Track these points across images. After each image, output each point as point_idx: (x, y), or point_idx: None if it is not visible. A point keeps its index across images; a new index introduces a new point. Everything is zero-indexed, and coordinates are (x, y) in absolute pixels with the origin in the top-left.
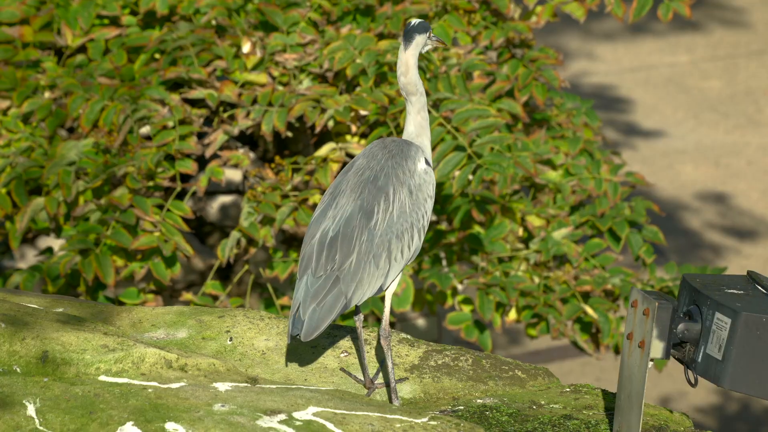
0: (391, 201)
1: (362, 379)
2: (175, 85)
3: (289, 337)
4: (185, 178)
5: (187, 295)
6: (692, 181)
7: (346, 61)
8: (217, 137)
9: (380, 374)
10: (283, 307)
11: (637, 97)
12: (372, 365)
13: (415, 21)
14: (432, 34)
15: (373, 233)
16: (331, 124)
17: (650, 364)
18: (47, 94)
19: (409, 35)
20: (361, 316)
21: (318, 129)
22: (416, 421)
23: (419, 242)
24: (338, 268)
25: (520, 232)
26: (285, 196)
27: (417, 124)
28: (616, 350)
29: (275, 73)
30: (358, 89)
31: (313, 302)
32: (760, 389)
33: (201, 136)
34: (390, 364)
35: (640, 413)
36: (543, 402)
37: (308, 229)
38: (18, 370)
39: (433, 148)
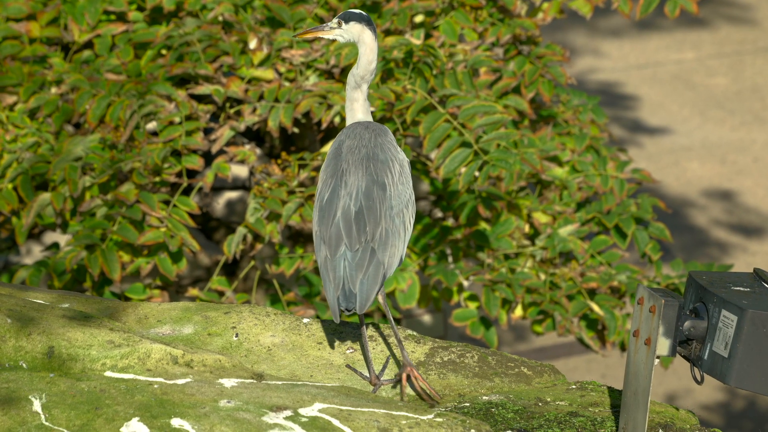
0: (394, 173)
1: (368, 375)
2: (181, 81)
3: (338, 315)
4: (192, 173)
5: (193, 291)
6: (698, 178)
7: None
8: (224, 133)
9: (386, 370)
10: (290, 303)
11: (643, 93)
12: (378, 362)
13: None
14: None
15: (391, 203)
16: (337, 120)
17: (656, 361)
18: (54, 90)
19: (373, 23)
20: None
21: (324, 125)
22: (422, 417)
23: (414, 213)
24: (371, 239)
25: (527, 228)
26: (291, 192)
27: (365, 111)
28: (622, 347)
29: (282, 69)
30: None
31: (359, 274)
32: (766, 387)
33: (207, 131)
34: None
35: (646, 410)
36: (549, 399)
37: (320, 212)
38: (24, 365)
39: (439, 145)
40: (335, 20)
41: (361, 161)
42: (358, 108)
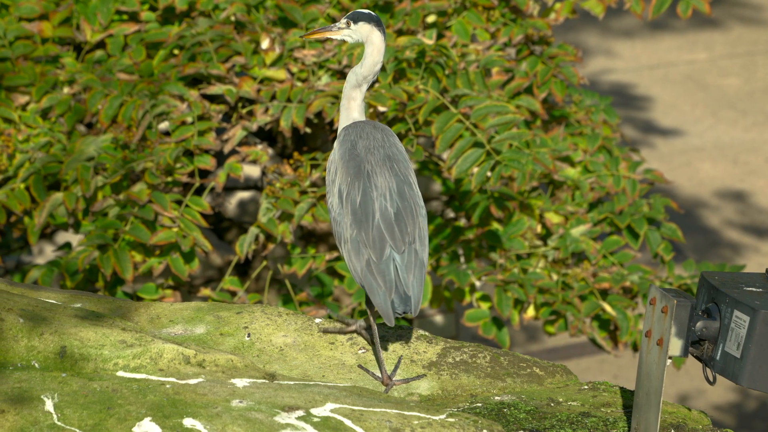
0: (413, 173)
1: (380, 375)
2: (193, 81)
3: (393, 319)
4: (204, 173)
5: (206, 291)
6: (710, 179)
7: None
8: (236, 133)
9: (398, 371)
10: (302, 303)
11: (655, 94)
12: (390, 363)
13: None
14: None
15: (418, 202)
16: None
17: (668, 361)
18: (66, 90)
19: (383, 24)
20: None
21: (336, 125)
22: (434, 418)
23: None
24: (412, 240)
25: (539, 228)
26: (303, 192)
27: (360, 111)
28: (635, 348)
29: (294, 69)
30: (376, 85)
31: (410, 276)
32: None
33: (220, 131)
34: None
35: (658, 411)
36: (561, 399)
37: (355, 215)
38: (36, 365)
39: (452, 145)
40: (344, 20)
41: (384, 161)
42: (355, 107)
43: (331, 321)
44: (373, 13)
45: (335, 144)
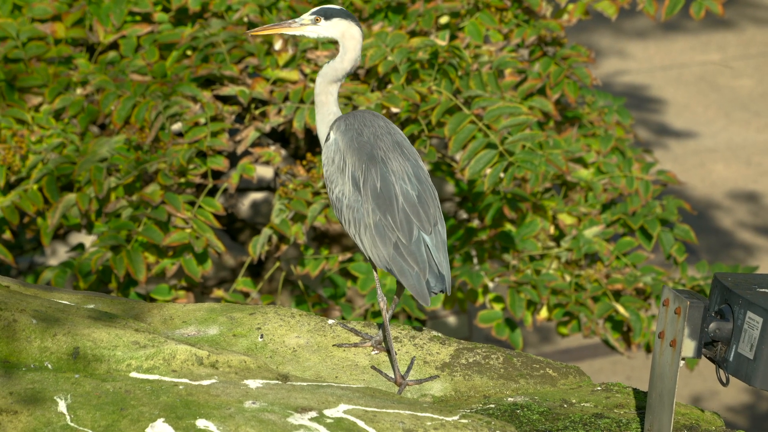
0: (419, 157)
1: (392, 376)
2: (206, 82)
3: (428, 297)
4: (217, 174)
5: (219, 292)
6: (723, 180)
7: (377, 58)
8: (249, 134)
9: (411, 371)
10: (315, 304)
11: (668, 95)
12: (403, 364)
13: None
14: None
15: (433, 186)
16: None
17: (681, 363)
18: (79, 91)
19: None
20: (386, 301)
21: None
22: (447, 419)
23: None
24: (436, 222)
25: (552, 230)
26: (316, 193)
27: (337, 104)
28: (648, 349)
29: (307, 70)
30: (389, 86)
31: (440, 255)
32: None
33: (232, 133)
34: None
35: (671, 412)
36: (574, 400)
37: (377, 200)
38: (49, 366)
39: (465, 146)
40: (309, 16)
41: (394, 147)
42: (332, 101)
43: (345, 328)
44: (344, 8)
45: (332, 135)
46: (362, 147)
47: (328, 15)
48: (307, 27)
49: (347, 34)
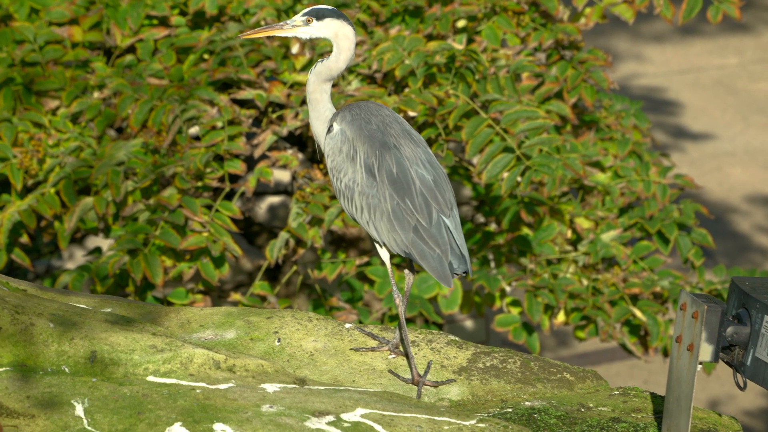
0: (427, 145)
1: (409, 377)
2: (224, 86)
3: (451, 279)
4: (234, 178)
5: (236, 296)
6: (741, 184)
7: (394, 62)
8: (266, 138)
9: (428, 374)
10: (332, 308)
11: (685, 99)
12: (420, 368)
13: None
14: None
15: (443, 169)
16: None
17: (699, 367)
18: (96, 94)
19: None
20: (402, 298)
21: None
22: (464, 423)
23: None
24: (452, 206)
25: (569, 234)
26: (334, 197)
27: (331, 102)
28: (665, 353)
29: None
30: (406, 90)
31: (460, 238)
32: None
33: (250, 136)
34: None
35: (688, 416)
36: (591, 405)
37: (395, 184)
38: (66, 370)
39: (482, 150)
40: (301, 17)
41: (404, 134)
42: (326, 99)
43: (362, 332)
44: (335, 8)
45: (336, 126)
46: (373, 135)
47: (319, 15)
48: (299, 28)
49: (340, 33)
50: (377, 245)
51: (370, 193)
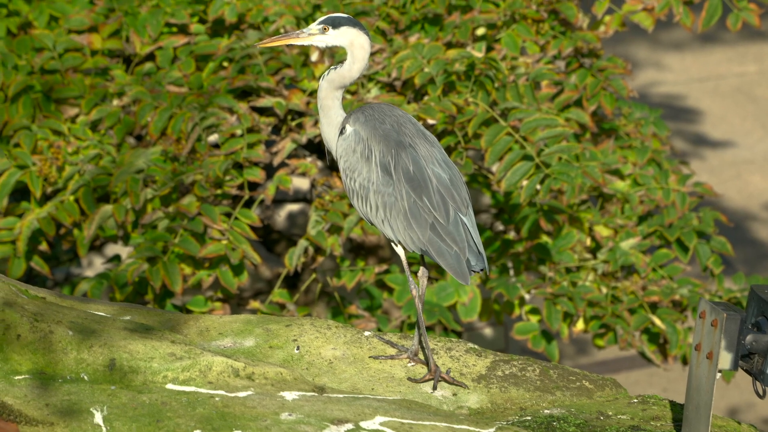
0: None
1: (428, 374)
2: (243, 94)
3: (469, 276)
4: (253, 186)
5: (255, 304)
6: (760, 192)
7: (414, 69)
8: (285, 146)
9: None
10: (351, 316)
11: (705, 106)
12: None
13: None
14: None
15: (458, 168)
16: None
17: (718, 375)
18: (116, 102)
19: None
20: (417, 288)
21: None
22: (483, 431)
23: None
24: (468, 204)
25: (588, 242)
26: (352, 205)
27: (342, 108)
28: (684, 361)
29: None
30: (426, 98)
31: (476, 235)
32: None
33: (269, 144)
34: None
35: (708, 424)
36: (610, 413)
37: (412, 182)
38: (85, 377)
39: (501, 158)
40: (317, 26)
41: (418, 135)
42: (338, 105)
43: (381, 340)
44: (351, 17)
45: (349, 127)
46: (388, 134)
47: (336, 24)
48: (316, 36)
49: (356, 43)
50: (392, 244)
51: (386, 192)
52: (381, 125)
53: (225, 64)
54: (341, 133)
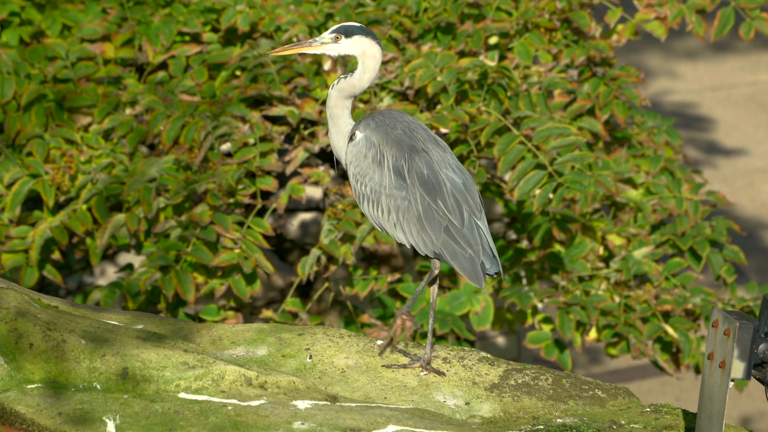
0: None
1: (425, 356)
2: (255, 102)
3: (483, 279)
4: (266, 195)
5: (267, 313)
6: None
7: (426, 78)
8: (298, 154)
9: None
10: (363, 325)
11: (717, 115)
12: (452, 384)
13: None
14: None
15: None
16: None
17: (731, 384)
18: (128, 111)
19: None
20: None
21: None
22: None
23: None
24: (481, 209)
25: (601, 251)
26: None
27: (351, 117)
28: (697, 370)
29: None
30: (438, 107)
31: (490, 240)
32: None
33: (282, 153)
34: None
35: None
36: (623, 422)
37: (427, 186)
38: (98, 386)
39: (514, 167)
40: (329, 35)
41: (430, 140)
42: (347, 114)
43: (394, 349)
44: (364, 26)
45: (360, 134)
46: (400, 139)
47: (348, 33)
48: (328, 45)
49: (368, 52)
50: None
51: (399, 195)
52: (392, 130)
53: (238, 73)
54: (351, 139)
